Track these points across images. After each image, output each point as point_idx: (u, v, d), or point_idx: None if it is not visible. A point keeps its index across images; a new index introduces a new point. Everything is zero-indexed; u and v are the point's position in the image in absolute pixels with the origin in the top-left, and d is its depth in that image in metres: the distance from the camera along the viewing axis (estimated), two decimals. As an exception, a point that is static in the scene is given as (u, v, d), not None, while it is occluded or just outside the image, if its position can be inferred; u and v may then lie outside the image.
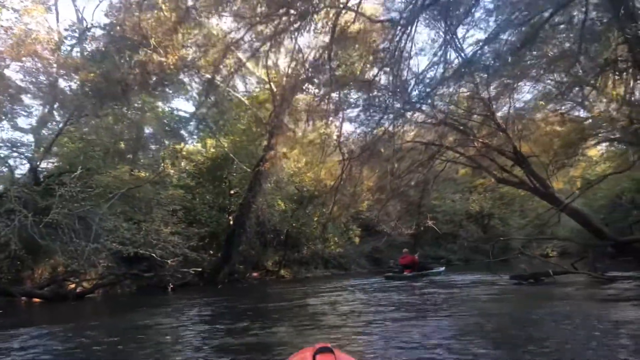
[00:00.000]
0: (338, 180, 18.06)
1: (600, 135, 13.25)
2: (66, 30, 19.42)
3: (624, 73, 10.32)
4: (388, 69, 11.96)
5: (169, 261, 16.06)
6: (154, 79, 19.26)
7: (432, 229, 32.25)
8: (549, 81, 12.06)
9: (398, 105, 11.99)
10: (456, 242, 32.95)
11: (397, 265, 18.83)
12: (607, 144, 15.59)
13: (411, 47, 10.70)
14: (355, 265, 26.86)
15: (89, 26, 19.65)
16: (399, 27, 10.62)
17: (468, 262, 31.27)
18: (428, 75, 11.25)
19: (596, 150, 20.58)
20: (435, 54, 10.38)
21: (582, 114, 13.80)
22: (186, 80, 21.08)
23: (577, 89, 12.19)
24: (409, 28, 10.42)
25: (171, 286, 16.42)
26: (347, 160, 17.86)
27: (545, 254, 40.92)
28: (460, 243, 32.99)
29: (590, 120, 13.17)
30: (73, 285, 15.20)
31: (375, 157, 16.67)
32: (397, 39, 10.55)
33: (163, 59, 15.82)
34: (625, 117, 11.16)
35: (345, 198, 20.61)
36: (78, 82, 16.23)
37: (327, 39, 12.44)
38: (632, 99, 11.34)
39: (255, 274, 22.44)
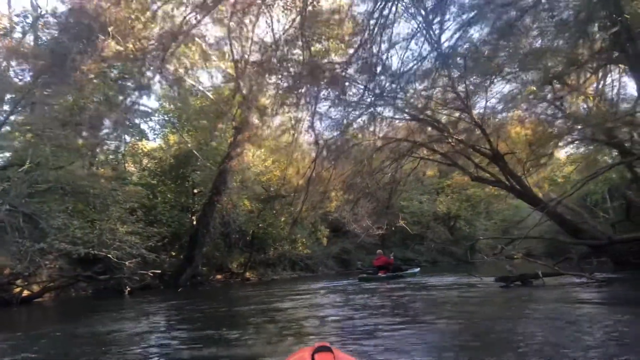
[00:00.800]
0: (307, 179, 17.57)
1: (572, 135, 13.10)
2: (18, 16, 18.22)
3: (599, 70, 10.17)
4: (360, 62, 11.48)
5: (126, 263, 15.13)
6: (114, 72, 18.41)
7: (400, 230, 32.29)
8: (525, 77, 11.85)
9: (370, 100, 11.51)
10: (424, 243, 32.90)
11: (371, 267, 18.40)
12: (576, 144, 15.52)
13: (385, 40, 10.21)
14: (323, 267, 26.35)
15: (42, 13, 18.51)
16: (373, 19, 10.20)
17: (435, 264, 31.30)
18: (402, 70, 10.83)
19: (558, 152, 20.74)
20: (408, 48, 9.95)
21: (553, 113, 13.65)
22: (148, 73, 20.20)
23: (549, 87, 12.08)
24: (384, 20, 10.00)
25: (128, 289, 15.41)
26: (316, 158, 17.45)
27: (511, 255, 41.58)
28: (428, 244, 32.96)
29: (561, 120, 13.02)
30: (18, 289, 14.04)
31: (346, 155, 16.26)
32: (371, 30, 10.08)
33: (121, 48, 14.96)
34: (599, 116, 11.01)
35: (314, 197, 20.13)
36: (29, 70, 15.16)
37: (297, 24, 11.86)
38: (605, 97, 11.26)
39: (219, 276, 21.61)
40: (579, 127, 12.36)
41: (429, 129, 13.17)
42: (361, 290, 12.86)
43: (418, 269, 19.40)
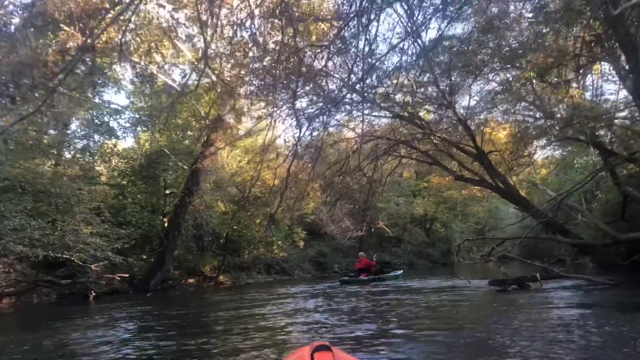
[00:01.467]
0: (283, 179, 17.04)
1: (552, 135, 12.93)
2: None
3: (581, 69, 9.98)
4: (340, 58, 11.03)
5: (92, 266, 14.34)
6: (83, 68, 17.52)
7: (377, 233, 32.08)
8: (505, 75, 11.63)
9: (350, 96, 11.07)
10: (400, 246, 32.72)
11: (352, 270, 17.97)
12: (554, 145, 15.44)
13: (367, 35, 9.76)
14: (299, 270, 25.81)
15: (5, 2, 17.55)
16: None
17: (412, 266, 31.16)
18: (384, 66, 10.42)
19: (537, 153, 20.73)
20: (390, 42, 9.55)
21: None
22: (118, 69, 19.39)
23: (528, 86, 11.90)
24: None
25: (93, 294, 14.56)
26: (293, 157, 16.96)
27: (485, 257, 41.87)
28: (405, 247, 32.81)
29: (541, 121, 12.85)
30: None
31: (324, 154, 15.81)
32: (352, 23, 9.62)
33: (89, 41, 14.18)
34: (582, 116, 10.81)
35: (290, 198, 19.64)
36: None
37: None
38: (585, 96, 11.10)
39: (191, 280, 20.87)
40: (559, 126, 12.19)
41: (411, 126, 12.81)
42: (344, 293, 12.41)
43: (401, 272, 19.10)
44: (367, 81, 10.19)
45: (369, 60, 9.39)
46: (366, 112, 12.03)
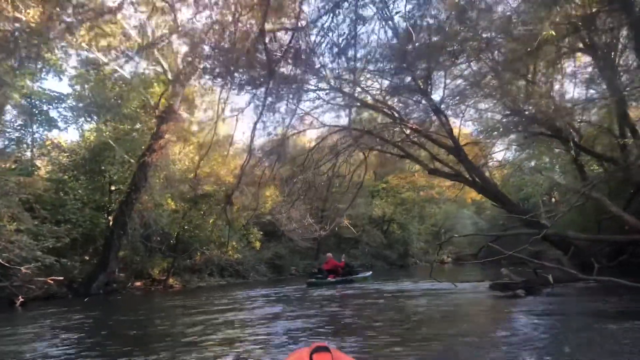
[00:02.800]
0: (239, 176, 16.06)
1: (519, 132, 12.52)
2: None
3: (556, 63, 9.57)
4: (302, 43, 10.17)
5: (22, 268, 12.76)
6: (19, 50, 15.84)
7: (335, 234, 31.41)
8: (477, 67, 11.08)
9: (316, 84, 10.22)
10: (359, 247, 32.16)
11: (321, 271, 17.06)
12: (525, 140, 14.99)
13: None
14: (254, 273, 24.67)
15: None
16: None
17: (370, 268, 30.62)
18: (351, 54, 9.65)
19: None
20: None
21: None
22: (59, 54, 17.78)
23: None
24: None
25: (20, 299, 12.93)
26: (250, 153, 15.99)
27: (441, 260, 42.08)
28: (363, 248, 32.29)
29: (508, 118, 12.42)
30: None
31: (283, 150, 14.94)
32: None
33: (21, 16, 12.69)
34: (548, 114, 10.42)
35: (246, 195, 18.65)
36: None
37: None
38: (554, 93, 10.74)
39: (138, 283, 19.40)
40: (525, 122, 11.80)
41: (382, 117, 12.02)
42: (312, 297, 11.41)
43: (370, 273, 18.58)
44: (334, 64, 9.44)
45: (338, 42, 8.66)
46: (333, 100, 11.22)
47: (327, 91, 10.95)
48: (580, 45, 10.28)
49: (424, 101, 10.97)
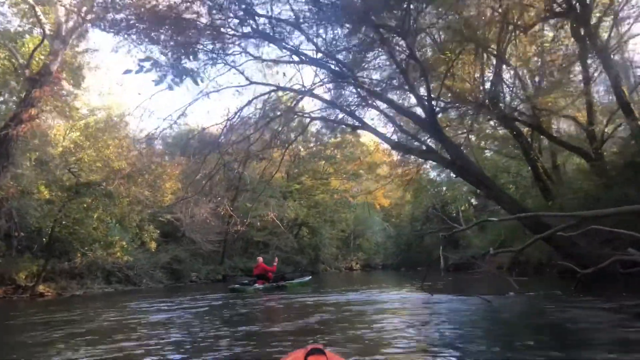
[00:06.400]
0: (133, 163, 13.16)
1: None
2: None
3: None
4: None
5: None
6: None
7: (243, 237, 28.96)
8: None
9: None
10: (268, 252, 29.87)
11: (250, 276, 15.84)
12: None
13: None
14: (148, 279, 21.32)
15: None
16: None
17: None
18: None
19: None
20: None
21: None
22: None
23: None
24: None
25: None
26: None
27: (350, 266, 41.18)
28: (272, 253, 30.04)
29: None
30: None
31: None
32: None
33: None
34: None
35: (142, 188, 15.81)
36: None
37: None
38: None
39: (-3, 291, 15.41)
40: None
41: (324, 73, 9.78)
42: (218, 312, 8.81)
43: (309, 277, 16.94)
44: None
45: None
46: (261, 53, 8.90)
47: (254, 38, 8.64)
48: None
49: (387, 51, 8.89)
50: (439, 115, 10.12)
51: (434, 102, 8.93)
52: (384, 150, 28.00)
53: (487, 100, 9.00)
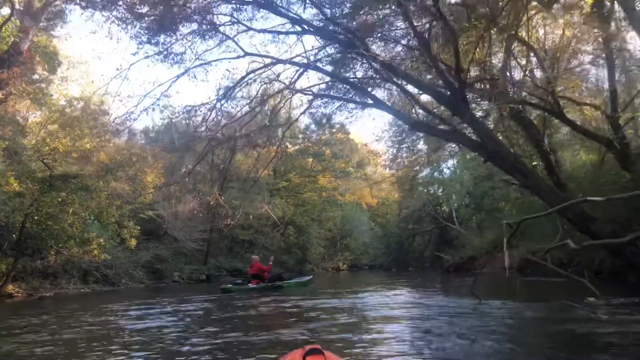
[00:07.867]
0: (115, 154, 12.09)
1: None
2: None
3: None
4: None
5: None
6: None
7: (228, 236, 27.94)
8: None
9: None
10: (254, 251, 28.91)
11: (245, 276, 15.27)
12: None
13: None
14: (127, 279, 20.12)
15: None
16: None
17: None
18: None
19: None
20: None
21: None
22: None
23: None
24: None
25: None
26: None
27: (337, 267, 40.31)
28: (259, 252, 29.09)
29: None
30: None
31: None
32: None
33: None
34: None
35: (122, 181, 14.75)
36: None
37: None
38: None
39: (-40, 292, 14.15)
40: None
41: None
42: (227, 312, 7.96)
43: (310, 277, 16.17)
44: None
45: None
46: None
47: (248, 4, 7.70)
48: None
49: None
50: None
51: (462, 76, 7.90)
52: (371, 151, 27.45)
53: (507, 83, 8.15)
